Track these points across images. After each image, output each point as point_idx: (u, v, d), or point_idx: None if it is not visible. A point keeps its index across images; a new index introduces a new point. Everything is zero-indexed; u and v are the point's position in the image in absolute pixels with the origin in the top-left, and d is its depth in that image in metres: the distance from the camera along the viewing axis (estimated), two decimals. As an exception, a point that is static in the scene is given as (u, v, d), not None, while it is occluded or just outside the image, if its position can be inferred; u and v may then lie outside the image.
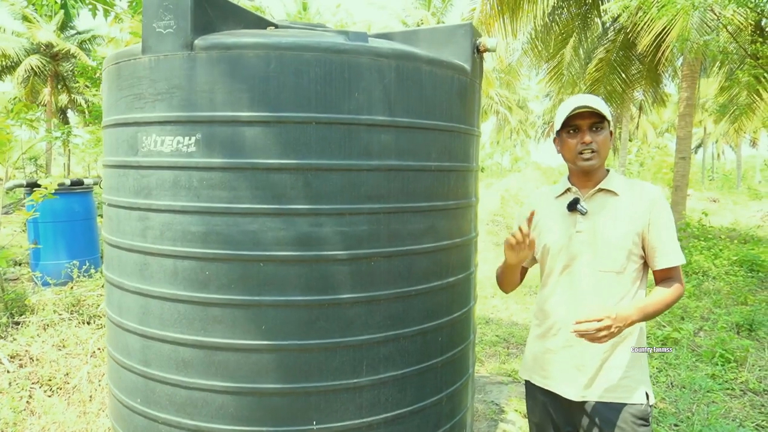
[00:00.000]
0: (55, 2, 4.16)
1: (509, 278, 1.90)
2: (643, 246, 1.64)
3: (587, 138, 1.64)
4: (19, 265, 5.82)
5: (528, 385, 1.85)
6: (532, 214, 1.65)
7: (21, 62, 22.56)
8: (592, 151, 1.64)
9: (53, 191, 4.13)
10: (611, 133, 1.74)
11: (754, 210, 16.66)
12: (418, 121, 2.07)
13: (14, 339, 3.29)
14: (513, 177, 21.85)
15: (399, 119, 2.01)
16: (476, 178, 2.60)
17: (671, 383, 3.84)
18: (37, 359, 3.11)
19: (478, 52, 2.42)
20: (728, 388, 3.78)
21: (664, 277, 1.65)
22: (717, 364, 4.16)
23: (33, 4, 4.14)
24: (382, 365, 2.08)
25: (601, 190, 1.70)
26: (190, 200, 1.95)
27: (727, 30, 7.65)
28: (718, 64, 10.23)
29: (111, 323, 2.30)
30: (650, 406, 1.65)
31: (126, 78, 2.07)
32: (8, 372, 2.96)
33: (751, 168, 53.00)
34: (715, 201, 20.61)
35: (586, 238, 1.66)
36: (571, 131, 1.67)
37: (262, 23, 2.31)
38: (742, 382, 3.88)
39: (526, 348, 1.89)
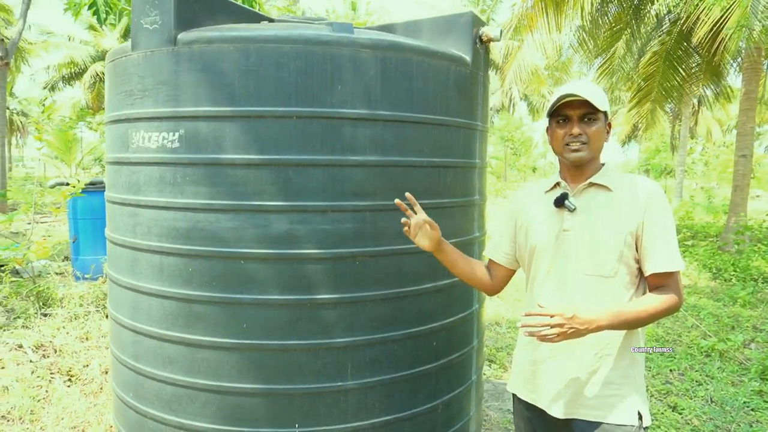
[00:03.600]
0: (92, 8, 4.33)
1: (458, 271, 1.72)
2: (637, 248, 1.48)
3: (575, 129, 1.49)
4: (67, 259, 6.12)
5: (515, 399, 1.71)
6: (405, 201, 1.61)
7: (87, 69, 23.88)
8: (582, 143, 1.49)
9: (82, 189, 4.30)
10: (609, 125, 1.58)
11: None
12: (407, 114, 1.97)
13: (40, 330, 3.44)
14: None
15: (385, 113, 1.93)
16: (482, 175, 2.47)
17: (710, 398, 3.54)
18: (60, 350, 3.24)
19: (480, 42, 2.30)
20: (777, 407, 3.45)
21: (657, 284, 1.48)
22: (767, 380, 3.81)
23: (70, 10, 4.33)
24: (369, 369, 2.00)
25: (592, 184, 1.54)
26: (175, 196, 1.94)
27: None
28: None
29: (111, 318, 2.34)
30: (644, 428, 1.48)
31: (119, 75, 2.09)
32: (31, 362, 3.10)
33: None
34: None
35: (574, 237, 1.52)
36: (561, 121, 1.53)
37: (255, 18, 2.28)
38: (794, 401, 3.53)
39: (513, 358, 1.76)
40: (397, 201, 1.63)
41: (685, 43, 10.62)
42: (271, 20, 2.31)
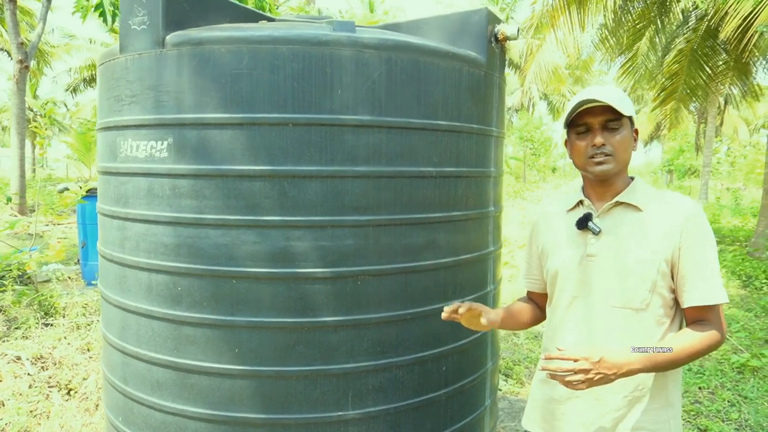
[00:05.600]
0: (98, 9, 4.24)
1: (516, 327, 1.66)
2: (673, 277, 1.29)
3: (598, 139, 1.31)
4: (78, 263, 6.08)
5: (529, 438, 1.53)
6: (459, 308, 1.49)
7: (108, 70, 24.13)
8: (606, 155, 1.31)
9: (89, 194, 4.22)
10: (636, 132, 1.40)
11: None
12: (414, 120, 1.81)
13: (41, 341, 3.36)
14: (584, 178, 20.62)
15: (390, 119, 1.77)
16: (498, 185, 2.29)
17: (743, 422, 3.30)
18: (60, 362, 3.15)
19: (496, 41, 2.12)
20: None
21: (696, 318, 1.29)
22: (806, 401, 3.55)
23: (79, 11, 4.25)
24: (371, 397, 1.84)
25: (619, 203, 1.36)
26: (163, 210, 1.80)
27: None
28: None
29: (102, 336, 2.22)
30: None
31: (108, 79, 1.97)
32: (29, 375, 3.01)
33: None
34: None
35: (600, 264, 1.33)
36: (581, 131, 1.35)
37: (254, 17, 2.14)
38: (837, 425, 3.27)
39: (530, 392, 1.58)
40: (444, 316, 1.52)
41: (712, 40, 10.25)
42: (270, 19, 2.16)
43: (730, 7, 7.46)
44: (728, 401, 3.59)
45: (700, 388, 3.83)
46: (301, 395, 1.79)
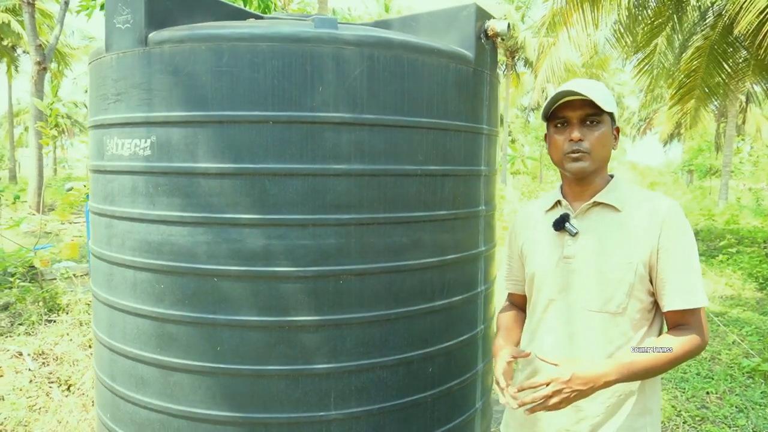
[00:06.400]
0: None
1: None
2: (652, 280, 1.25)
3: (575, 134, 1.26)
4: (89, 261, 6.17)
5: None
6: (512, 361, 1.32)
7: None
8: (582, 152, 1.27)
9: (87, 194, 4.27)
10: (617, 130, 1.35)
11: None
12: (397, 118, 1.78)
13: (43, 337, 3.41)
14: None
15: (372, 116, 1.74)
16: (490, 183, 2.26)
17: (752, 429, 3.21)
18: (60, 358, 3.19)
19: (486, 37, 2.08)
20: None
21: (677, 323, 1.24)
22: (819, 407, 3.44)
23: (85, 10, 4.31)
24: (354, 398, 1.82)
25: (597, 203, 1.32)
26: (147, 208, 1.81)
27: None
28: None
29: (93, 334, 2.23)
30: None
31: (95, 77, 1.98)
32: (29, 370, 3.05)
33: None
34: None
35: (577, 266, 1.29)
36: (559, 125, 1.31)
37: (242, 15, 2.13)
38: None
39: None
40: (513, 406, 1.25)
41: (731, 37, 10.02)
42: (259, 17, 2.16)
43: (746, 1, 7.28)
44: (736, 407, 3.49)
45: (708, 392, 3.74)
46: (282, 395, 1.77)
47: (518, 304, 1.59)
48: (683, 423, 3.28)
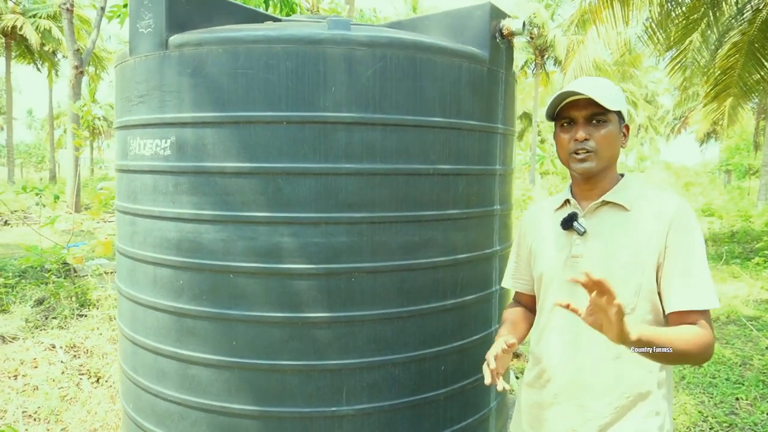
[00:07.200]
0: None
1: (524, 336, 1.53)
2: (659, 280, 1.23)
3: (580, 134, 1.26)
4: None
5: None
6: (510, 346, 1.29)
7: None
8: (588, 151, 1.26)
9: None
10: (626, 128, 1.34)
11: None
12: (409, 117, 1.80)
13: (75, 331, 3.54)
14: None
15: (384, 116, 1.76)
16: (505, 183, 2.25)
17: (782, 436, 3.10)
18: (90, 351, 3.32)
19: (501, 36, 2.08)
20: None
21: (683, 323, 1.22)
22: None
23: (115, 17, 4.46)
24: (366, 394, 1.85)
25: (606, 203, 1.30)
26: (167, 206, 1.87)
27: None
28: None
29: (118, 327, 2.32)
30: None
31: (121, 80, 2.06)
32: (62, 362, 3.18)
33: None
34: None
35: (585, 265, 1.28)
36: (565, 124, 1.30)
37: (258, 17, 2.18)
38: None
39: (516, 396, 1.54)
40: (487, 382, 1.33)
41: (771, 32, 9.67)
42: (276, 20, 2.20)
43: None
44: (744, 409, 3.38)
45: (737, 398, 3.62)
46: (295, 389, 1.81)
47: (525, 303, 1.58)
48: (710, 429, 3.19)
